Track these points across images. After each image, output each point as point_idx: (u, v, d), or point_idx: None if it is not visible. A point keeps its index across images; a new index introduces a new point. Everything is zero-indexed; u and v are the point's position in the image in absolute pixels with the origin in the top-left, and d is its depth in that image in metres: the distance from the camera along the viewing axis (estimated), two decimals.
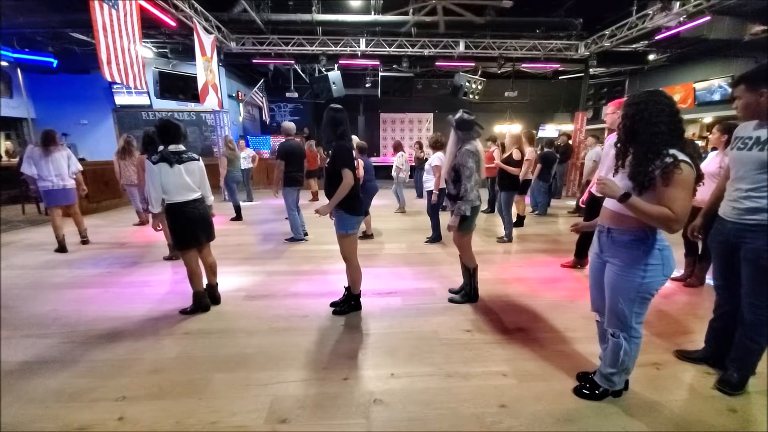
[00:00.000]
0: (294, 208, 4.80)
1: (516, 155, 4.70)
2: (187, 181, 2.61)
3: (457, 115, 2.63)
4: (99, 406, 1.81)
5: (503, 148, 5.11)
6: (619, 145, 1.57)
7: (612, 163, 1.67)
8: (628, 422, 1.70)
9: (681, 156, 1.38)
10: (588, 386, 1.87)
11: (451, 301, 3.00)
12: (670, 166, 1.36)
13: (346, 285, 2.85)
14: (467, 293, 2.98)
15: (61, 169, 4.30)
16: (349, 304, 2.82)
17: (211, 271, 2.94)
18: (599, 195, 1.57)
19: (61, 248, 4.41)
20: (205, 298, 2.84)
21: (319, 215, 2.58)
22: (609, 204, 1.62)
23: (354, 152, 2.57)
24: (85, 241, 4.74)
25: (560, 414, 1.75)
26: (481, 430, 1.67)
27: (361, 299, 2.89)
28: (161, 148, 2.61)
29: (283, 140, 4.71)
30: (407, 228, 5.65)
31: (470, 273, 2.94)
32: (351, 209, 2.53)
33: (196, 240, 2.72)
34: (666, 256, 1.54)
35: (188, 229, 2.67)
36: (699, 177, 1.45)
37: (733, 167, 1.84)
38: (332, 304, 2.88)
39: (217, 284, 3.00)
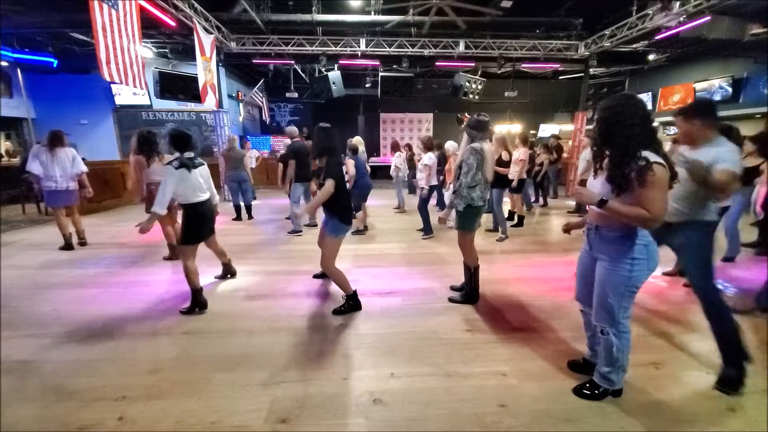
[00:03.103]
0: (298, 201, 5.24)
1: (504, 156, 4.97)
2: (201, 182, 2.87)
3: (473, 116, 2.76)
4: (99, 406, 1.81)
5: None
6: (594, 148, 1.68)
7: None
8: (627, 422, 1.70)
9: (653, 158, 1.45)
10: (588, 386, 1.87)
11: (450, 300, 3.00)
12: (644, 169, 1.44)
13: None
14: (467, 293, 2.99)
15: (65, 170, 4.34)
16: (348, 305, 2.83)
17: (222, 253, 3.41)
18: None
19: (68, 246, 4.45)
20: (202, 296, 2.89)
21: (298, 216, 2.73)
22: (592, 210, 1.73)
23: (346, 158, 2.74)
24: (82, 243, 4.69)
25: (560, 414, 1.75)
26: (481, 430, 1.67)
27: (362, 299, 2.90)
28: (177, 154, 2.78)
29: (290, 142, 5.21)
30: (407, 227, 5.65)
31: (470, 272, 2.95)
32: (344, 219, 2.68)
33: (203, 236, 3.00)
34: (651, 251, 1.62)
35: (202, 226, 2.93)
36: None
37: None
38: (315, 276, 3.37)
39: (230, 260, 3.48)
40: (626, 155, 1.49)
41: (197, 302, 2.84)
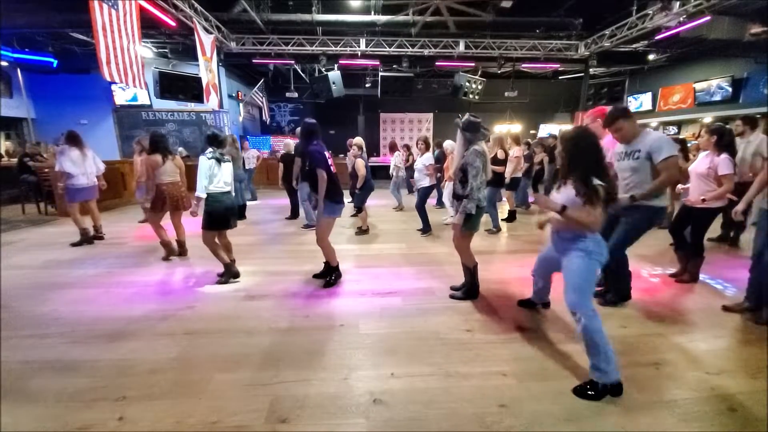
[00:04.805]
0: (307, 198, 5.46)
1: (500, 155, 5.07)
2: (227, 176, 3.27)
3: (464, 118, 2.71)
4: (99, 406, 1.81)
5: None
6: (559, 167, 2.07)
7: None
8: (627, 422, 1.70)
9: (595, 182, 1.83)
10: (588, 386, 1.87)
11: (452, 297, 3.04)
12: (593, 193, 1.81)
13: (325, 261, 3.34)
14: (468, 289, 3.03)
15: (92, 167, 4.69)
16: (333, 275, 3.26)
17: (228, 250, 3.51)
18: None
19: (87, 239, 4.60)
20: (235, 267, 3.33)
21: (321, 215, 2.99)
22: (553, 215, 2.07)
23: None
24: (100, 237, 4.85)
25: (560, 414, 1.75)
26: (481, 430, 1.67)
27: (362, 299, 2.97)
28: (211, 149, 3.20)
29: (298, 142, 5.27)
30: (407, 227, 5.65)
31: (471, 271, 2.98)
32: (333, 198, 3.02)
33: (226, 224, 3.30)
34: (601, 245, 1.98)
35: (225, 214, 3.24)
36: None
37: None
38: (315, 276, 3.45)
39: (234, 260, 3.51)
40: (587, 179, 1.84)
41: (230, 272, 3.32)
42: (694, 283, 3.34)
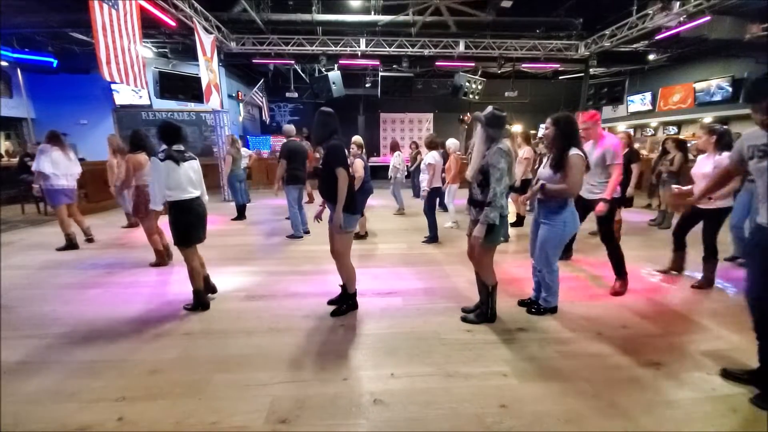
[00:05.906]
0: (295, 205, 4.94)
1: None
2: (192, 178, 2.70)
3: (487, 111, 2.39)
4: (98, 406, 1.81)
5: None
6: (548, 145, 2.58)
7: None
8: (628, 422, 1.70)
9: (573, 151, 2.35)
10: (535, 308, 2.74)
11: (464, 320, 2.68)
12: (568, 158, 2.35)
13: (341, 284, 2.80)
14: (483, 312, 2.65)
15: (75, 168, 4.49)
16: (346, 304, 2.79)
17: (202, 265, 2.96)
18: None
19: (71, 245, 4.45)
20: (206, 297, 2.87)
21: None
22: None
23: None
24: (90, 239, 4.77)
25: (560, 414, 1.75)
26: (482, 430, 1.66)
27: (362, 299, 2.91)
28: (164, 147, 2.64)
29: (285, 141, 4.87)
30: (407, 228, 5.65)
31: (488, 291, 2.61)
32: (349, 208, 2.56)
33: (198, 237, 2.80)
34: (575, 216, 2.51)
35: (196, 225, 2.74)
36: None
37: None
38: (330, 302, 2.90)
39: (208, 275, 3.01)
40: (563, 151, 2.36)
41: (200, 302, 2.83)
42: (710, 289, 3.21)
